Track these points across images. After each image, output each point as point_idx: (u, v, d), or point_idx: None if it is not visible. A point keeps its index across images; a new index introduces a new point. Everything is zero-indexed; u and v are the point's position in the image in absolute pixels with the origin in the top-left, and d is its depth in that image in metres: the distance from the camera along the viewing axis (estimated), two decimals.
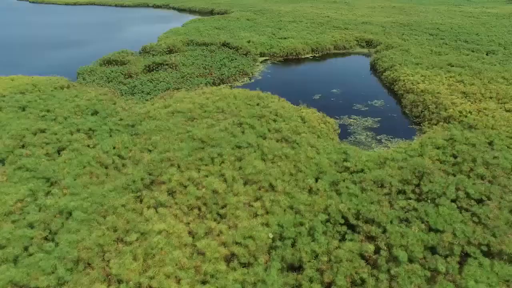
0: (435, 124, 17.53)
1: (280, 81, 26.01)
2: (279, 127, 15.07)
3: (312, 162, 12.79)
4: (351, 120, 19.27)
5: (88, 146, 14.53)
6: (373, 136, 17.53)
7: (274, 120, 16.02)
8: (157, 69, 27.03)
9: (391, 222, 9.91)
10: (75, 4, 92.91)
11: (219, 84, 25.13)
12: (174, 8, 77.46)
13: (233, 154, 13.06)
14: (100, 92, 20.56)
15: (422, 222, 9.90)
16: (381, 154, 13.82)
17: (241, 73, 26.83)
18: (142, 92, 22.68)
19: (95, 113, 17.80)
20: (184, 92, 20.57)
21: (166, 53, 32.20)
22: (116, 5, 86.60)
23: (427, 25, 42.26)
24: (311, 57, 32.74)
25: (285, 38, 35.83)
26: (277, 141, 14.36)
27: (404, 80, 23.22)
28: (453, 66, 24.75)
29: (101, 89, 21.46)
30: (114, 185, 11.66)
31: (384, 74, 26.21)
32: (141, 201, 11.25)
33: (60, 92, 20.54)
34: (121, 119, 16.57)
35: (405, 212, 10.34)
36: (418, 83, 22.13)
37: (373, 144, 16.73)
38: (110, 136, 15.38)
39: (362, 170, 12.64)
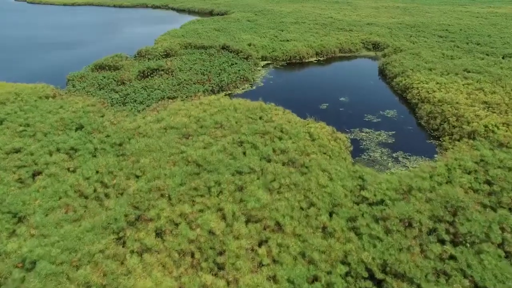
0: (458, 140, 15.62)
1: (283, 88, 24.06)
2: (285, 147, 13.15)
3: (325, 192, 10.89)
4: (363, 134, 17.35)
5: (68, 169, 12.62)
6: (389, 153, 15.62)
7: (280, 138, 14.11)
8: (152, 75, 25.11)
9: (426, 277, 8.02)
10: (73, 4, 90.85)
11: (218, 92, 23.24)
12: (173, 9, 75.39)
13: (233, 182, 11.16)
14: (88, 103, 18.65)
15: (465, 277, 8.02)
16: (402, 180, 11.89)
17: (241, 79, 24.90)
18: (135, 101, 20.77)
19: (80, 127, 15.90)
20: (179, 102, 18.66)
21: (163, 57, 30.27)
22: (114, 6, 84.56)
23: (435, 26, 40.28)
24: (315, 61, 30.78)
25: (288, 40, 33.87)
26: (284, 164, 12.45)
27: (417, 88, 21.29)
28: (469, 72, 22.79)
29: (89, 99, 19.54)
30: (92, 223, 9.75)
31: (394, 80, 24.27)
32: (123, 243, 9.36)
33: (44, 103, 18.63)
34: (107, 136, 14.66)
35: (442, 262, 8.45)
36: (434, 92, 20.20)
37: (389, 163, 14.82)
38: (94, 156, 13.48)
39: (382, 202, 10.73)
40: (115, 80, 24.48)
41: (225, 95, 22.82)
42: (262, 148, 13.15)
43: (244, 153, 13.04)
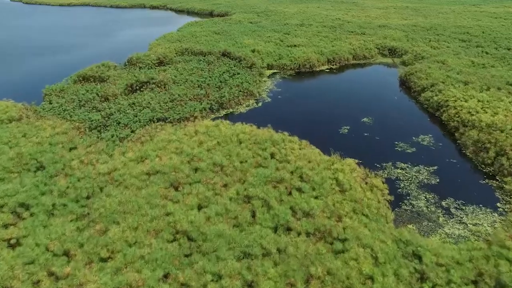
0: None
1: (294, 106, 20.25)
2: (309, 208, 9.48)
3: None
4: (399, 171, 13.67)
5: (9, 242, 8.96)
6: (437, 201, 11.94)
7: (299, 189, 10.42)
8: (141, 89, 21.36)
9: None
10: (69, 5, 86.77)
11: (217, 110, 19.48)
12: (171, 9, 71.28)
13: (238, 273, 7.51)
14: (59, 130, 14.97)
15: None
16: (468, 255, 8.35)
17: (245, 93, 21.15)
18: (118, 124, 17.05)
19: (41, 167, 12.23)
20: (170, 129, 14.96)
21: (156, 66, 26.53)
22: (111, 6, 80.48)
23: (453, 29, 36.45)
24: (327, 70, 26.98)
25: (295, 45, 30.06)
26: (308, 235, 8.79)
27: (455, 107, 17.57)
28: None
29: (61, 124, 15.84)
30: None
31: (422, 95, 20.53)
32: None
33: (3, 129, 14.94)
34: (71, 185, 10.98)
35: None
36: (478, 112, 16.49)
37: (440, 217, 11.16)
38: (51, 216, 9.82)
39: None
40: (98, 95, 20.76)
41: (226, 115, 19.11)
42: (278, 208, 9.48)
43: (254, 217, 9.38)
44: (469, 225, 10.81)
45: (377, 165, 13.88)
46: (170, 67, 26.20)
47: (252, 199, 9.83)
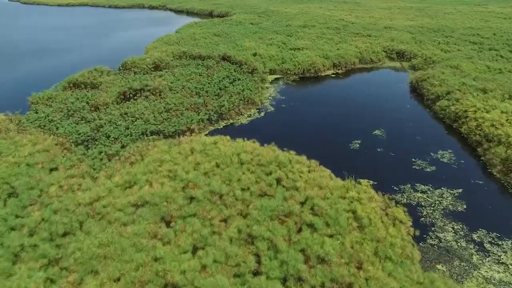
0: None
1: (300, 116, 18.59)
2: (324, 252, 7.91)
3: None
4: (419, 194, 12.09)
5: None
6: (467, 234, 10.37)
7: (311, 226, 8.84)
8: (135, 97, 19.77)
9: None
10: (67, 5, 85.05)
11: (216, 121, 17.88)
12: (171, 9, 69.46)
13: None
14: (40, 147, 13.38)
15: None
16: None
17: (246, 102, 19.55)
18: (108, 137, 15.47)
19: (13, 194, 10.66)
20: (163, 146, 13.38)
21: (152, 70, 24.93)
22: (110, 6, 78.70)
23: (462, 30, 34.81)
24: (333, 75, 25.36)
25: (299, 49, 28.42)
26: None
27: (476, 119, 15.97)
28: None
29: (43, 139, 14.27)
30: None
31: (437, 104, 18.92)
32: None
33: None
34: (46, 219, 9.41)
35: None
36: (503, 126, 14.90)
37: (474, 257, 9.58)
38: (17, 260, 8.25)
39: None
40: (89, 104, 19.18)
41: (226, 126, 17.53)
42: (286, 252, 7.90)
43: (259, 263, 7.81)
44: (510, 266, 9.24)
45: (395, 188, 12.32)
46: (166, 72, 24.60)
47: (256, 240, 8.26)
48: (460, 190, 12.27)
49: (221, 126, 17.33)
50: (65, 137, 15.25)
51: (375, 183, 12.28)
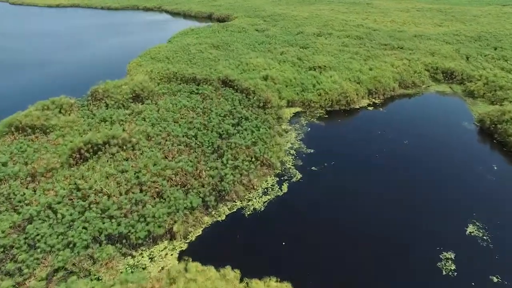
0: None
1: (341, 191, 11.86)
2: None
3: None
4: None
5: None
6: None
7: None
8: (97, 154, 13.07)
9: None
10: (57, 6, 77.46)
11: (216, 204, 11.16)
12: (166, 11, 62.06)
13: None
14: None
15: None
16: None
17: (258, 164, 12.84)
18: (34, 248, 8.83)
19: None
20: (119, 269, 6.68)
21: (130, 101, 18.19)
22: (102, 8, 71.16)
23: (510, 38, 28.07)
24: (369, 107, 18.58)
25: (320, 67, 21.60)
26: None
27: None
28: None
29: None
30: None
31: None
32: None
33: None
34: None
35: None
36: None
37: None
38: None
39: None
40: (25, 172, 12.46)
41: (229, 215, 10.83)
42: None
43: None
44: None
45: None
46: (149, 104, 17.89)
47: None
48: None
49: (222, 217, 10.61)
50: None
51: None
